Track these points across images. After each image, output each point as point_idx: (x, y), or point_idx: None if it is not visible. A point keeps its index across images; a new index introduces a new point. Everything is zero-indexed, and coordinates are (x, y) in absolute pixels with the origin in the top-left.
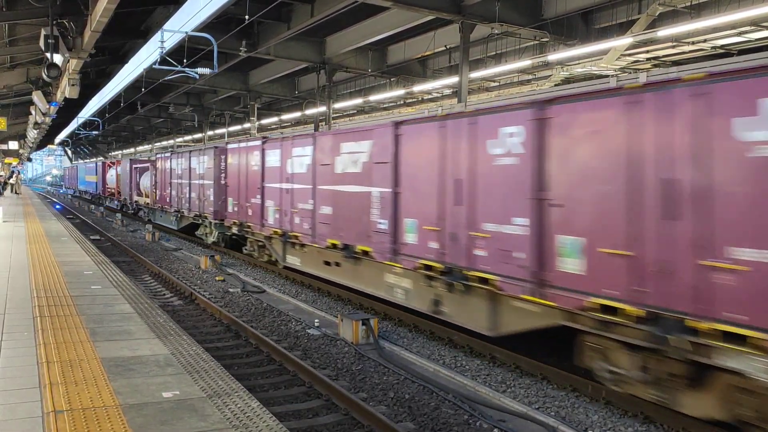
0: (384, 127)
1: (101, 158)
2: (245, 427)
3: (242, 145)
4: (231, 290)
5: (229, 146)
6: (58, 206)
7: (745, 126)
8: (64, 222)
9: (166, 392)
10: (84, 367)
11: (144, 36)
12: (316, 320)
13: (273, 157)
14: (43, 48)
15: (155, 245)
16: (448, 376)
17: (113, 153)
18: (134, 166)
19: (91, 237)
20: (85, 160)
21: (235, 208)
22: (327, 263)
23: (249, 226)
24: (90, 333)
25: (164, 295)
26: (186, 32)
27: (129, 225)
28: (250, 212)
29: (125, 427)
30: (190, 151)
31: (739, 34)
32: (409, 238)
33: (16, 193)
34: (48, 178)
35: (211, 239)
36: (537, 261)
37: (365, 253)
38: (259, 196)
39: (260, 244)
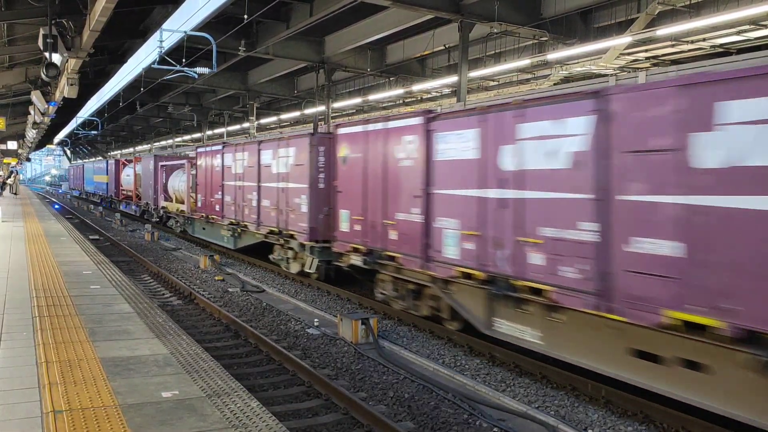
0: None
1: (113, 155)
2: (245, 426)
3: (373, 127)
4: (230, 290)
5: (342, 130)
6: (57, 206)
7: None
8: (63, 222)
9: (165, 392)
10: (83, 367)
11: (143, 35)
12: (316, 320)
13: (457, 144)
14: (41, 47)
15: (154, 245)
16: (447, 375)
17: (112, 153)
18: (161, 163)
19: (90, 237)
20: (94, 158)
21: (358, 227)
22: (644, 355)
23: (392, 258)
24: (89, 333)
25: (163, 294)
26: (185, 32)
27: (128, 225)
28: (393, 235)
29: (124, 427)
30: (260, 142)
31: (738, 33)
32: None
33: (14, 193)
34: (47, 178)
35: (296, 268)
36: None
37: None
38: (417, 210)
39: (414, 287)
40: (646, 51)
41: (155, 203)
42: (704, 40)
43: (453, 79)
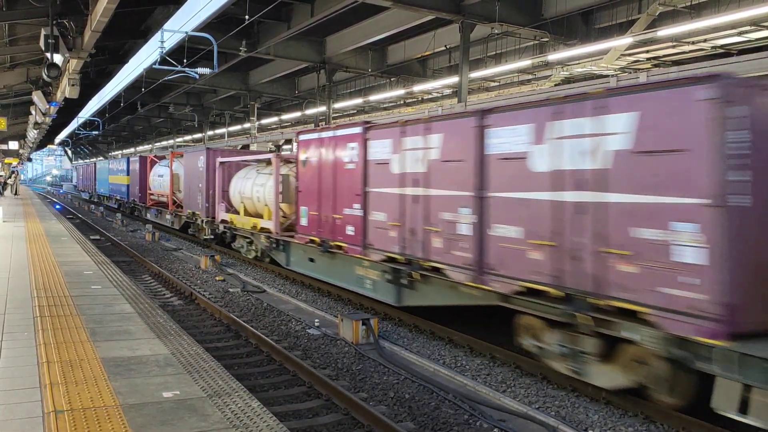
0: None
1: (114, 155)
2: (245, 427)
3: None
4: (231, 290)
5: None
6: (57, 206)
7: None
8: (64, 222)
9: (166, 392)
10: (84, 367)
11: (144, 36)
12: (316, 320)
13: None
14: (43, 48)
15: (155, 245)
16: (448, 375)
17: (113, 153)
18: (219, 159)
19: (91, 237)
20: (109, 156)
21: None
22: None
23: None
24: (90, 333)
25: (164, 295)
26: (186, 32)
27: (129, 225)
28: None
29: (125, 427)
30: (483, 112)
31: (739, 33)
32: None
33: (14, 193)
34: (48, 179)
35: (618, 380)
36: None
37: None
38: None
39: None
40: (647, 52)
41: (209, 214)
42: (705, 41)
43: (454, 79)
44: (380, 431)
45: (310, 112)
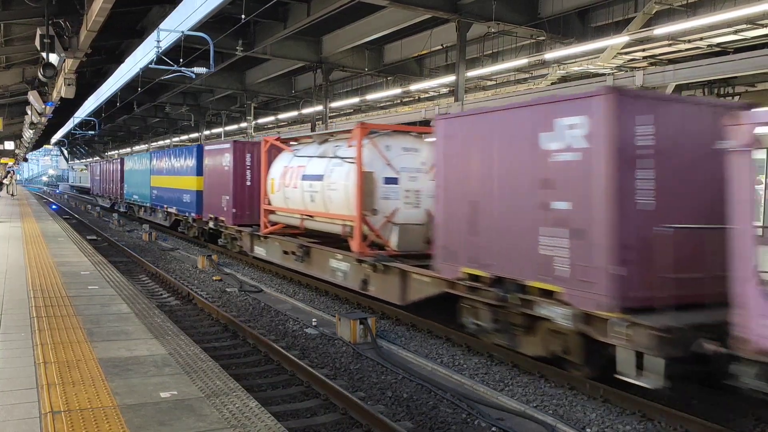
0: None
1: (110, 155)
2: (243, 426)
3: None
4: (228, 290)
5: None
6: (54, 206)
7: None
8: (61, 222)
9: (164, 392)
10: (81, 368)
11: (140, 35)
12: (314, 320)
13: None
14: (38, 48)
15: (152, 245)
16: (446, 374)
17: (109, 153)
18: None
19: (88, 237)
20: (149, 145)
21: None
22: None
23: None
24: (87, 333)
25: (161, 295)
26: (182, 32)
27: (126, 225)
28: None
29: (123, 428)
30: None
31: (736, 32)
32: None
33: (11, 194)
34: (44, 179)
35: None
36: None
37: None
38: None
39: None
40: (644, 50)
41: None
42: (701, 39)
43: (450, 78)
44: (378, 430)
45: (306, 111)
